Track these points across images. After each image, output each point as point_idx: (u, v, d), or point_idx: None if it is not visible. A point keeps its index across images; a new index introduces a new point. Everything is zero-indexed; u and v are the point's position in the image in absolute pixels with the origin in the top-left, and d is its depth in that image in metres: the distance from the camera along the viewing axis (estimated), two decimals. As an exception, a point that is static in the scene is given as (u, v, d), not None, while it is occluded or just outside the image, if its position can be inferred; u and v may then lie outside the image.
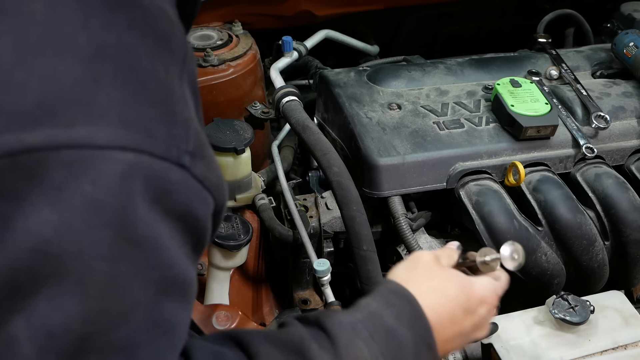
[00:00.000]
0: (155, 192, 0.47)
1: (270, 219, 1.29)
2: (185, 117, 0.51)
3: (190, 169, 0.49)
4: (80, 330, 0.46)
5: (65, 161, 0.43)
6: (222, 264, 1.21)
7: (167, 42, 0.51)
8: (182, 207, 0.49)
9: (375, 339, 0.65)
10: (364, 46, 1.72)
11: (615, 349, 0.99)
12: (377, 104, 1.28)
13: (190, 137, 0.50)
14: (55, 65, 0.44)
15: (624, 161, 1.28)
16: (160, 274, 0.49)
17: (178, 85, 0.51)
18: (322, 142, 1.12)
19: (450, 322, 0.72)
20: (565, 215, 1.12)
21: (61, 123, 0.43)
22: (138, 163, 0.45)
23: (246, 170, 1.31)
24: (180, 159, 0.48)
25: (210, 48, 1.44)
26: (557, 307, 0.99)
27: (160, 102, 0.49)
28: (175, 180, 0.48)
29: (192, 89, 0.55)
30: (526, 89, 1.26)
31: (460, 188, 1.17)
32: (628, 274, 1.20)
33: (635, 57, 1.37)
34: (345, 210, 1.03)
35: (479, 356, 1.08)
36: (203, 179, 0.51)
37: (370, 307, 0.69)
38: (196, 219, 0.51)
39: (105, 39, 0.46)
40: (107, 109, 0.45)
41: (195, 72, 0.57)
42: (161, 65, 0.49)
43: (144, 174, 0.46)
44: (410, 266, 0.77)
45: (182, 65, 0.52)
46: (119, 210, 0.45)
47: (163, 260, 0.49)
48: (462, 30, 1.96)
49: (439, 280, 0.75)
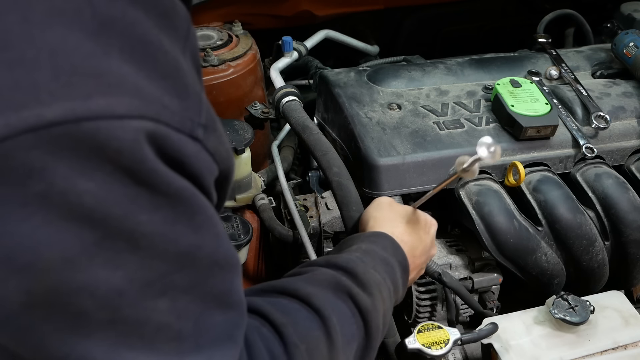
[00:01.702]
0: (171, 162, 0.47)
1: (270, 219, 1.29)
2: (197, 90, 0.51)
3: (203, 142, 0.50)
4: (142, 280, 0.47)
5: (88, 132, 0.43)
6: (222, 264, 1.20)
7: (169, 18, 0.51)
8: (194, 179, 0.50)
9: (377, 267, 0.80)
10: (364, 46, 1.72)
11: (615, 349, 0.99)
12: (377, 104, 1.28)
13: (202, 110, 0.51)
14: (64, 39, 0.44)
15: (624, 161, 1.28)
16: (204, 218, 0.51)
17: (183, 60, 0.51)
18: (322, 142, 1.12)
19: (418, 242, 0.92)
20: (565, 215, 1.12)
21: (79, 95, 0.43)
22: (157, 131, 0.46)
23: (246, 170, 1.31)
24: (193, 132, 0.49)
25: (210, 48, 1.45)
26: (557, 307, 0.99)
27: (171, 74, 0.49)
28: (190, 153, 0.48)
29: (195, 66, 0.55)
30: (526, 89, 1.26)
31: (460, 188, 1.17)
32: (628, 274, 1.20)
33: (635, 57, 1.37)
34: (345, 211, 1.03)
35: (479, 356, 1.08)
36: (214, 152, 0.52)
37: (362, 247, 0.84)
38: (205, 189, 0.52)
39: (110, 13, 0.46)
40: (122, 80, 0.45)
41: (197, 49, 0.57)
42: (166, 39, 0.50)
43: (162, 144, 0.46)
44: (376, 207, 0.95)
45: (185, 41, 0.53)
46: (146, 173, 0.46)
47: (199, 205, 0.51)
48: (462, 30, 1.96)
49: (398, 215, 0.93)
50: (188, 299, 0.51)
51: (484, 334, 0.99)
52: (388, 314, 0.81)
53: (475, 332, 0.99)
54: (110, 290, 0.46)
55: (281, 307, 0.66)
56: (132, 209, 0.45)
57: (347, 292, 0.72)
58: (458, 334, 0.96)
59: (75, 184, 0.43)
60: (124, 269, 0.46)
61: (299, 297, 0.68)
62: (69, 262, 0.44)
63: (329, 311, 0.68)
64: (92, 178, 0.44)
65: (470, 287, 1.15)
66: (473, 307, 1.14)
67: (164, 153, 0.47)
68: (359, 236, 0.89)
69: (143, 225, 0.46)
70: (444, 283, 1.09)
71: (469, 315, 1.19)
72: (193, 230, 0.50)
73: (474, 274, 1.16)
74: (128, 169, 0.45)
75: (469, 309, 1.16)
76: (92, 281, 0.45)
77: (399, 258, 0.86)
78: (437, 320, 1.10)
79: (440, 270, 1.09)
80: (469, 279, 1.16)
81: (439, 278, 1.09)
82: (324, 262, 0.78)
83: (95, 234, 0.44)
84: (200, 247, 0.51)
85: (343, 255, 0.81)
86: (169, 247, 0.48)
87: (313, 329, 0.66)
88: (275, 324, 0.63)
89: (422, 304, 1.16)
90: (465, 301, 1.13)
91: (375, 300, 0.75)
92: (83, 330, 0.47)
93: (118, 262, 0.46)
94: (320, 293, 0.70)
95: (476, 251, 1.18)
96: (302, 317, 0.66)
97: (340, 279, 0.73)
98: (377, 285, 0.78)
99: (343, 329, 0.69)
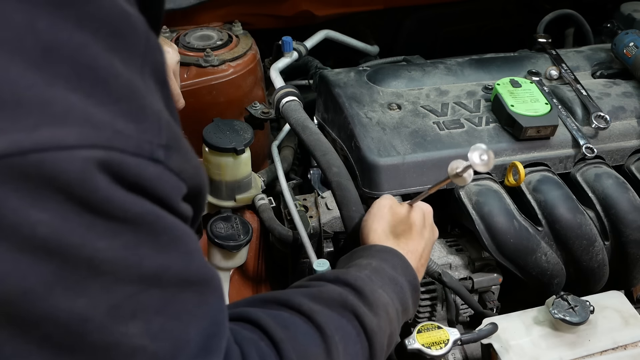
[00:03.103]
0: (131, 187, 0.47)
1: (270, 219, 1.29)
2: (155, 110, 0.50)
3: (165, 163, 0.49)
4: (107, 305, 0.47)
5: (34, 164, 0.42)
6: (222, 264, 1.21)
7: (122, 37, 0.50)
8: (159, 200, 0.49)
9: (385, 287, 0.80)
10: (364, 46, 1.72)
11: (615, 349, 0.99)
12: (377, 104, 1.28)
13: (162, 131, 0.50)
14: (6, 70, 0.43)
15: (624, 161, 1.28)
16: (170, 238, 0.51)
17: (140, 79, 0.50)
18: (322, 142, 1.12)
19: (421, 244, 0.92)
20: (565, 216, 1.12)
21: (24, 127, 0.42)
22: (110, 158, 0.45)
23: (246, 170, 1.31)
24: (153, 154, 0.48)
25: (210, 48, 1.44)
26: (557, 307, 0.99)
27: (124, 98, 0.48)
28: (151, 176, 0.48)
29: (159, 81, 0.54)
30: (526, 89, 1.26)
31: (460, 188, 1.17)
32: (628, 274, 1.20)
33: (635, 57, 1.37)
34: (345, 211, 1.03)
35: (479, 356, 1.08)
36: (180, 171, 0.51)
37: (372, 264, 0.83)
38: (172, 209, 0.52)
39: (55, 39, 0.45)
40: (69, 109, 0.44)
41: (161, 63, 0.55)
42: (118, 60, 0.48)
43: (117, 170, 0.45)
44: (375, 218, 0.93)
45: (143, 58, 0.51)
46: (100, 202, 0.45)
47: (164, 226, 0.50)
48: (462, 30, 1.96)
49: (400, 223, 0.93)
50: (162, 320, 0.51)
51: (483, 334, 0.99)
52: (394, 334, 0.81)
53: (475, 332, 0.99)
54: (74, 318, 0.46)
55: (282, 321, 0.66)
56: (89, 237, 0.45)
57: (353, 311, 0.72)
58: (458, 334, 0.96)
59: (27, 215, 0.43)
60: (87, 296, 0.46)
61: (301, 311, 0.68)
62: (28, 293, 0.44)
63: (331, 329, 0.68)
64: (45, 209, 0.43)
65: (470, 287, 1.15)
66: (473, 307, 1.14)
67: (122, 179, 0.46)
68: (369, 249, 0.88)
69: (102, 251, 0.46)
70: (444, 283, 1.09)
71: (469, 315, 1.19)
72: (158, 252, 0.49)
73: (474, 274, 1.16)
74: (80, 199, 0.44)
75: (469, 309, 1.16)
76: (54, 310, 0.45)
77: (409, 277, 0.85)
78: (437, 320, 1.10)
79: (440, 270, 1.09)
80: (469, 279, 1.16)
81: (439, 278, 1.09)
82: (333, 277, 0.78)
83: (52, 263, 0.44)
84: (168, 266, 0.51)
85: (352, 271, 0.80)
86: (132, 271, 0.48)
87: (312, 345, 0.66)
88: (274, 339, 0.63)
89: (422, 304, 1.16)
90: (465, 301, 1.13)
91: (381, 321, 0.75)
92: (51, 357, 0.47)
93: (79, 289, 0.46)
94: (324, 310, 0.70)
95: (476, 251, 1.18)
96: (302, 332, 0.66)
97: (347, 298, 0.73)
98: (384, 306, 0.77)
99: (347, 347, 0.69)
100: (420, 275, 0.91)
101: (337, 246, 1.28)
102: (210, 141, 1.25)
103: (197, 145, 1.33)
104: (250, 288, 1.35)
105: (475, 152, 0.72)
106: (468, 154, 0.73)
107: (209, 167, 1.29)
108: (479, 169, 0.73)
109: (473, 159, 0.72)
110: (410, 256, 0.89)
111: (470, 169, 0.75)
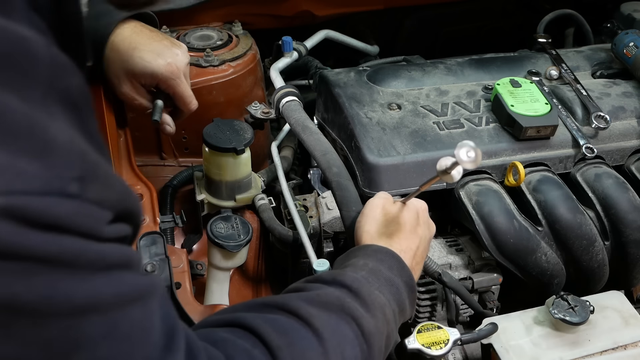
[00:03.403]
0: (44, 226, 0.44)
1: (270, 219, 1.29)
2: (63, 141, 0.47)
3: (81, 196, 0.46)
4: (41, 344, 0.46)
5: None
6: (222, 265, 1.21)
7: (17, 67, 0.46)
8: (79, 233, 0.47)
9: (382, 288, 0.80)
10: (364, 46, 1.72)
11: (615, 349, 0.99)
12: (377, 104, 1.28)
13: (74, 162, 0.47)
14: None
15: (624, 161, 1.28)
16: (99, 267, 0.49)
17: (43, 110, 0.47)
18: (322, 142, 1.12)
19: (416, 242, 0.92)
20: (565, 215, 1.12)
21: None
22: (12, 203, 0.42)
23: (246, 170, 1.31)
24: (65, 189, 0.45)
25: (210, 48, 1.45)
26: (557, 307, 0.99)
27: (23, 134, 0.44)
28: (64, 212, 0.45)
29: (70, 107, 0.51)
30: (526, 89, 1.26)
31: (460, 188, 1.17)
32: (628, 274, 1.20)
33: (635, 57, 1.37)
34: (345, 211, 1.03)
35: (479, 356, 1.08)
36: (100, 201, 0.49)
37: (369, 265, 0.83)
38: (97, 237, 0.49)
39: None
40: None
41: (75, 85, 0.52)
42: (13, 94, 0.45)
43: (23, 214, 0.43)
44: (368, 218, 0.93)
45: (48, 86, 0.48)
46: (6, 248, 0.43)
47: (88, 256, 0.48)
48: (462, 30, 1.96)
49: (392, 223, 0.92)
50: (110, 343, 0.50)
51: (483, 334, 0.99)
52: (392, 335, 0.81)
53: (475, 332, 0.99)
54: None
55: (279, 327, 0.66)
56: (4, 282, 0.43)
57: (351, 314, 0.72)
58: (458, 334, 0.96)
59: None
60: (15, 339, 0.45)
61: (299, 316, 0.68)
62: None
63: (329, 333, 0.68)
64: None
65: (470, 287, 1.15)
66: (473, 307, 1.14)
67: (31, 221, 0.43)
68: (366, 249, 0.88)
69: (21, 295, 0.44)
70: (444, 283, 1.09)
71: (469, 315, 1.19)
72: (85, 281, 0.48)
73: (474, 274, 1.16)
74: None
75: (469, 309, 1.16)
76: None
77: (405, 278, 0.85)
78: (437, 320, 1.10)
79: (440, 270, 1.09)
80: (469, 279, 1.16)
81: (439, 278, 1.09)
82: (331, 278, 0.78)
83: None
84: (102, 292, 0.49)
85: (349, 272, 0.80)
86: (60, 306, 0.46)
87: (310, 349, 0.66)
88: (271, 346, 0.63)
89: (422, 304, 1.16)
90: (465, 301, 1.13)
91: (378, 323, 0.76)
92: None
93: (4, 335, 0.44)
94: (322, 314, 0.70)
95: (476, 251, 1.18)
96: (300, 337, 0.66)
97: (344, 301, 0.73)
98: (381, 308, 0.78)
99: (345, 351, 0.69)
100: (416, 274, 0.91)
101: (337, 246, 1.28)
102: (210, 141, 1.25)
103: (197, 146, 1.33)
104: (250, 288, 1.35)
105: (462, 149, 0.72)
106: (455, 151, 0.72)
107: (209, 167, 1.29)
108: (466, 166, 0.72)
109: (460, 155, 0.72)
110: (404, 255, 0.89)
111: (458, 166, 0.74)
